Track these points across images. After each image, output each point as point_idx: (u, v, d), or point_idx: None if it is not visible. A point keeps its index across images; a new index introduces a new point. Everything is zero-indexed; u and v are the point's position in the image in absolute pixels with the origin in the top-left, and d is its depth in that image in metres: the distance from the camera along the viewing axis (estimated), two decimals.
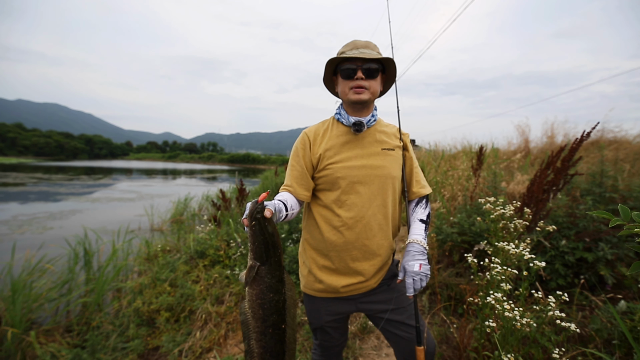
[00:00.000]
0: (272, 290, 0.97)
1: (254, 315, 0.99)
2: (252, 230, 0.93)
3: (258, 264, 0.95)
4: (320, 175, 1.24)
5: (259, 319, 0.98)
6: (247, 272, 0.97)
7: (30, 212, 8.77)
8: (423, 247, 1.18)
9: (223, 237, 4.16)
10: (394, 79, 1.31)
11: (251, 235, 0.94)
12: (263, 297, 0.97)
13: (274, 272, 0.97)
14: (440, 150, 8.14)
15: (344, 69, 1.20)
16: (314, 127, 1.32)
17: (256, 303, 0.97)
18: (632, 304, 1.75)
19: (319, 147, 1.25)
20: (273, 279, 0.97)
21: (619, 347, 1.57)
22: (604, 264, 2.26)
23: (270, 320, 0.98)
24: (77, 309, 3.08)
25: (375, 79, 1.21)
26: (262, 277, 0.97)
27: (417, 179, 1.33)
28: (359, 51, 1.19)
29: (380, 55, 1.20)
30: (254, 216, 0.93)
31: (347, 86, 1.21)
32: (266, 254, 0.95)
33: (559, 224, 2.54)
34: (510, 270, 1.37)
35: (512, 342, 1.33)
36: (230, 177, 27.61)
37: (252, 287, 0.97)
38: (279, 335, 1.00)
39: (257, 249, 0.94)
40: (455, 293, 2.65)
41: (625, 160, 4.66)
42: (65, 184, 17.01)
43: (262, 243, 0.94)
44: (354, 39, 1.25)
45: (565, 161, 2.35)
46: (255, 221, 0.93)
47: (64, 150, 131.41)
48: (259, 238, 0.94)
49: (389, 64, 1.24)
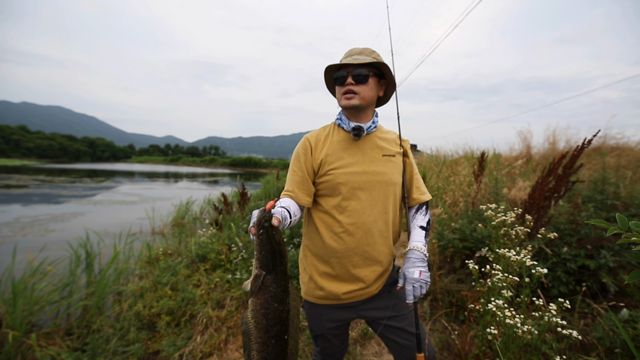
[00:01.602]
0: (277, 300, 0.95)
1: (256, 325, 0.96)
2: (259, 239, 0.92)
3: (264, 273, 0.93)
4: (321, 180, 1.24)
5: (262, 329, 0.96)
6: (253, 282, 0.95)
7: (33, 214, 8.81)
8: (423, 254, 1.19)
9: (224, 241, 4.17)
10: (393, 83, 1.30)
11: (258, 244, 0.92)
12: (267, 306, 0.95)
13: (279, 282, 0.95)
14: (442, 156, 8.14)
15: (337, 77, 1.23)
16: (315, 132, 1.32)
17: (260, 313, 0.95)
18: (634, 312, 1.74)
19: (320, 152, 1.25)
20: (278, 288, 0.95)
21: (621, 356, 1.56)
22: (606, 272, 2.25)
23: (273, 330, 0.96)
24: (78, 312, 3.08)
25: (366, 84, 1.20)
26: (268, 286, 0.95)
27: (417, 186, 1.33)
28: (352, 58, 1.21)
29: (370, 60, 1.18)
30: (262, 225, 0.91)
31: (339, 92, 1.24)
32: (273, 263, 0.93)
33: (560, 230, 2.53)
34: (511, 278, 1.36)
35: (514, 350, 1.33)
36: (232, 180, 27.66)
37: (257, 297, 0.95)
38: (281, 346, 0.98)
39: (264, 257, 0.92)
40: (456, 299, 2.64)
41: (627, 167, 4.64)
42: (68, 187, 17.08)
43: (269, 252, 0.92)
44: (352, 47, 1.28)
45: (566, 168, 2.35)
46: (263, 230, 0.91)
47: (67, 153, 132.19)
48: (266, 247, 0.92)
49: (384, 69, 1.23)
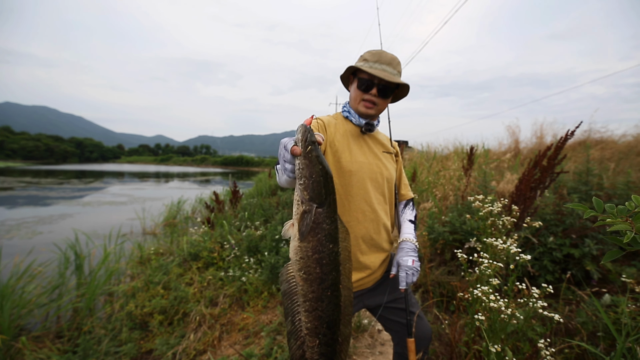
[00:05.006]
0: (331, 239, 0.77)
1: (307, 277, 0.77)
2: (307, 160, 0.73)
3: (315, 206, 0.74)
4: (330, 162, 1.23)
5: (316, 281, 0.77)
6: (301, 220, 0.75)
7: (19, 216, 8.60)
8: (415, 245, 1.29)
9: (217, 239, 4.15)
10: (403, 97, 1.35)
11: (306, 167, 0.73)
12: (322, 249, 0.76)
13: (332, 216, 0.77)
14: (433, 151, 8.24)
15: (362, 79, 1.21)
16: (324, 117, 1.32)
17: (312, 259, 0.76)
18: (615, 297, 1.81)
19: (331, 134, 1.24)
20: (332, 224, 0.76)
21: (603, 339, 1.62)
22: (589, 260, 2.32)
23: (329, 279, 0.78)
24: (68, 314, 3.04)
25: (387, 99, 1.24)
26: (320, 223, 0.75)
27: (404, 183, 1.46)
28: (381, 67, 1.20)
29: (398, 80, 1.21)
30: (309, 140, 0.73)
31: (360, 96, 1.23)
32: (326, 190, 0.75)
33: (546, 221, 2.60)
34: (495, 264, 1.41)
35: (501, 335, 1.37)
36: (223, 179, 27.44)
37: (307, 239, 0.76)
38: (337, 298, 0.79)
39: (315, 184, 0.73)
40: (447, 291, 2.69)
41: (610, 159, 4.79)
42: (55, 188, 16.71)
43: (320, 175, 0.73)
44: (380, 49, 1.26)
45: (551, 159, 2.41)
46: (311, 145, 0.73)
47: (53, 154, 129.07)
48: (317, 168, 0.73)
49: (403, 88, 1.28)
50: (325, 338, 0.80)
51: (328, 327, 0.79)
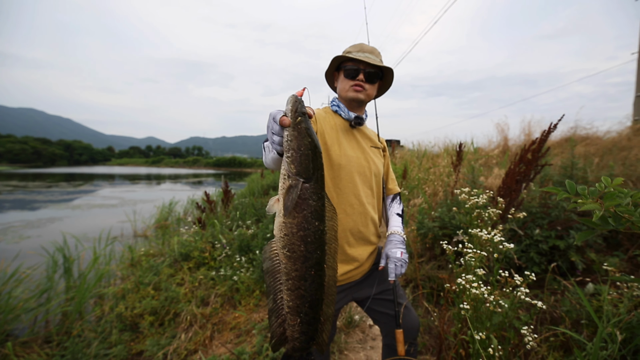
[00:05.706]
0: (317, 216, 0.73)
1: (290, 255, 0.74)
2: (296, 131, 0.70)
3: (301, 181, 0.71)
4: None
5: (299, 259, 0.74)
6: (286, 195, 0.72)
7: (5, 221, 8.40)
8: (402, 237, 1.32)
9: (208, 239, 4.12)
10: (389, 87, 1.39)
11: (295, 138, 0.70)
12: (307, 226, 0.73)
13: (319, 192, 0.74)
14: (423, 149, 8.33)
15: (348, 69, 1.25)
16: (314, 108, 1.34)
17: (297, 236, 0.73)
18: (598, 286, 1.86)
19: (321, 126, 1.24)
20: (319, 201, 0.73)
21: (587, 326, 1.66)
22: (574, 251, 2.38)
23: (313, 258, 0.75)
24: (57, 318, 2.98)
25: (374, 84, 1.28)
26: (306, 199, 0.72)
27: (392, 177, 1.49)
28: (364, 55, 1.25)
29: (382, 64, 1.27)
30: (300, 111, 0.70)
31: (348, 84, 1.26)
32: (313, 165, 0.72)
33: (532, 214, 2.65)
34: (479, 253, 1.44)
35: (486, 324, 1.39)
36: (216, 181, 27.26)
37: (292, 215, 0.72)
38: (320, 277, 0.77)
39: (302, 158, 0.70)
40: (437, 285, 2.72)
41: (595, 154, 4.90)
42: (43, 192, 16.36)
43: (309, 148, 0.71)
44: (361, 42, 1.32)
45: (535, 152, 2.47)
46: (301, 117, 0.70)
47: (41, 157, 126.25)
48: (305, 141, 0.70)
49: (388, 74, 1.32)
50: (307, 317, 0.78)
51: (310, 306, 0.77)
